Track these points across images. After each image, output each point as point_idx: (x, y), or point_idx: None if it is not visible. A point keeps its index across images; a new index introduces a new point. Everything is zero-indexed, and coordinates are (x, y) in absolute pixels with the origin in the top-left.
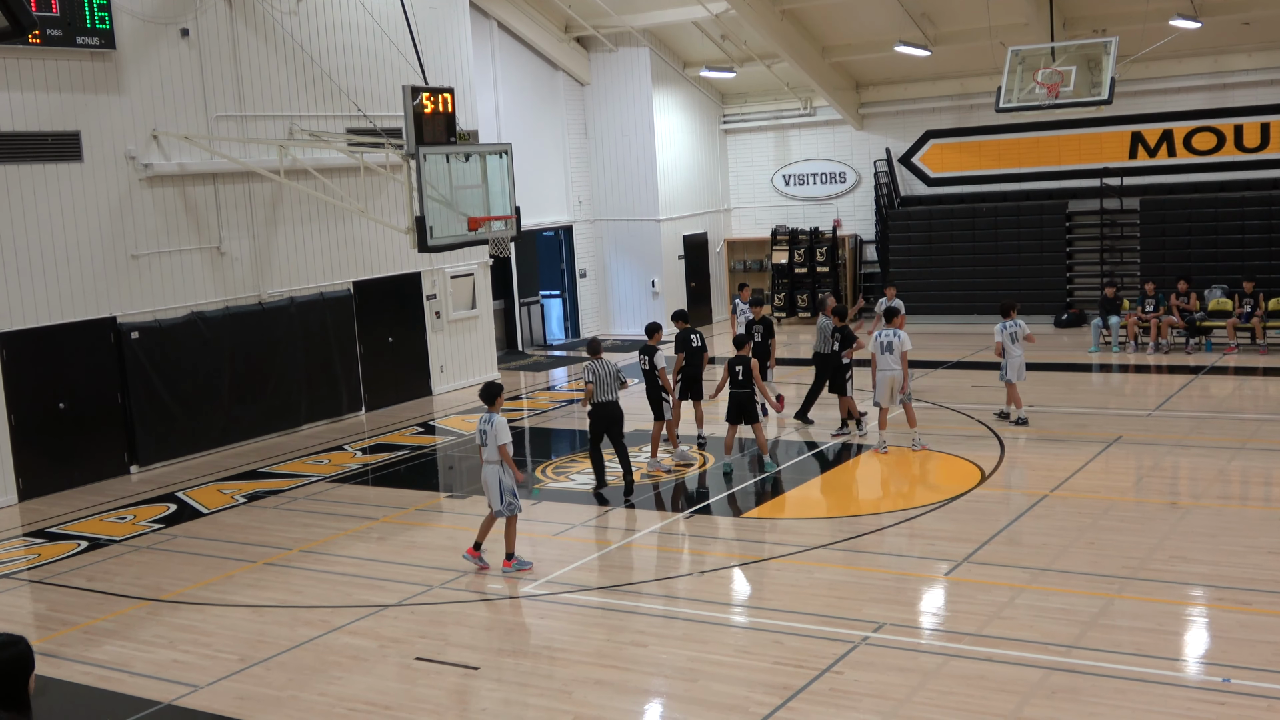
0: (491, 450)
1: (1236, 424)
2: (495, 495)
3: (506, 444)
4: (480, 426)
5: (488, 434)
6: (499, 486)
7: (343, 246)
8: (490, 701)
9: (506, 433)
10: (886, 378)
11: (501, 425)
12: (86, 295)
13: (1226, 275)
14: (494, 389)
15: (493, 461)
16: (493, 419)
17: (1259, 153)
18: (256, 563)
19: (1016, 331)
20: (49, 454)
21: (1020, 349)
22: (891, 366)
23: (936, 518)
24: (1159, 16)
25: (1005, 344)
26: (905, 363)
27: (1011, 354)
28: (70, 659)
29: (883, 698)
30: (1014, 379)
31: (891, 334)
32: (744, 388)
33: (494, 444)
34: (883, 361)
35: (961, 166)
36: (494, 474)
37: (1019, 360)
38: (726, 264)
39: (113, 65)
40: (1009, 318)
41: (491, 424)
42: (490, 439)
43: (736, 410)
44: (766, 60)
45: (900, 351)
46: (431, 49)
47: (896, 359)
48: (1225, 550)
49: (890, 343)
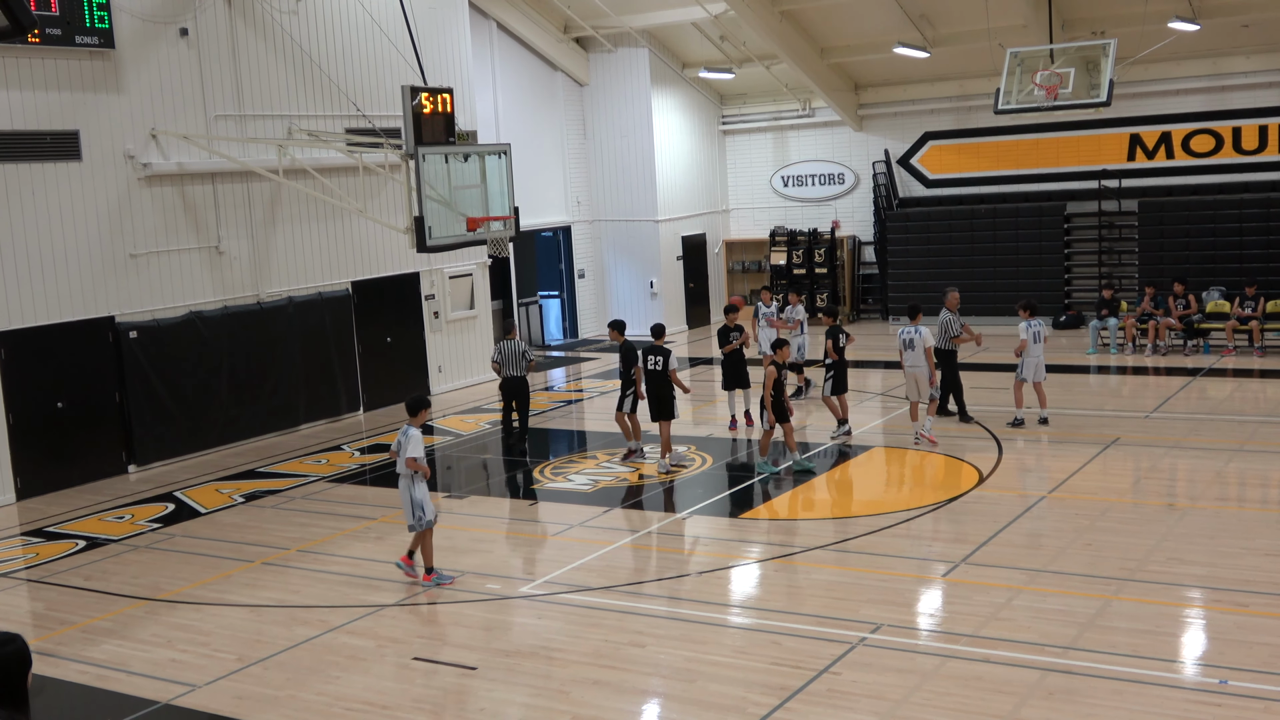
0: (403, 463)
1: (1234, 426)
2: (406, 509)
3: (417, 458)
4: (398, 438)
5: (403, 445)
6: (409, 500)
7: (341, 246)
8: (488, 701)
9: (419, 447)
10: (912, 374)
11: (416, 439)
12: (85, 294)
13: (1224, 278)
14: (418, 402)
15: (404, 474)
16: (409, 431)
17: (1257, 155)
18: (254, 562)
19: (1039, 331)
20: (47, 453)
21: (1041, 348)
22: (916, 363)
23: (935, 519)
24: (1158, 18)
25: (1029, 342)
26: (931, 358)
27: (1031, 352)
28: (68, 658)
29: (880, 698)
30: (1035, 378)
31: (913, 331)
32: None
33: (404, 456)
34: (908, 358)
35: (960, 168)
36: (405, 487)
37: (1039, 360)
38: (725, 265)
39: (112, 64)
40: (1033, 316)
41: (407, 435)
42: (402, 451)
43: (783, 409)
44: (765, 61)
45: (924, 347)
46: (430, 49)
47: (920, 355)
48: (1222, 552)
49: (912, 339)
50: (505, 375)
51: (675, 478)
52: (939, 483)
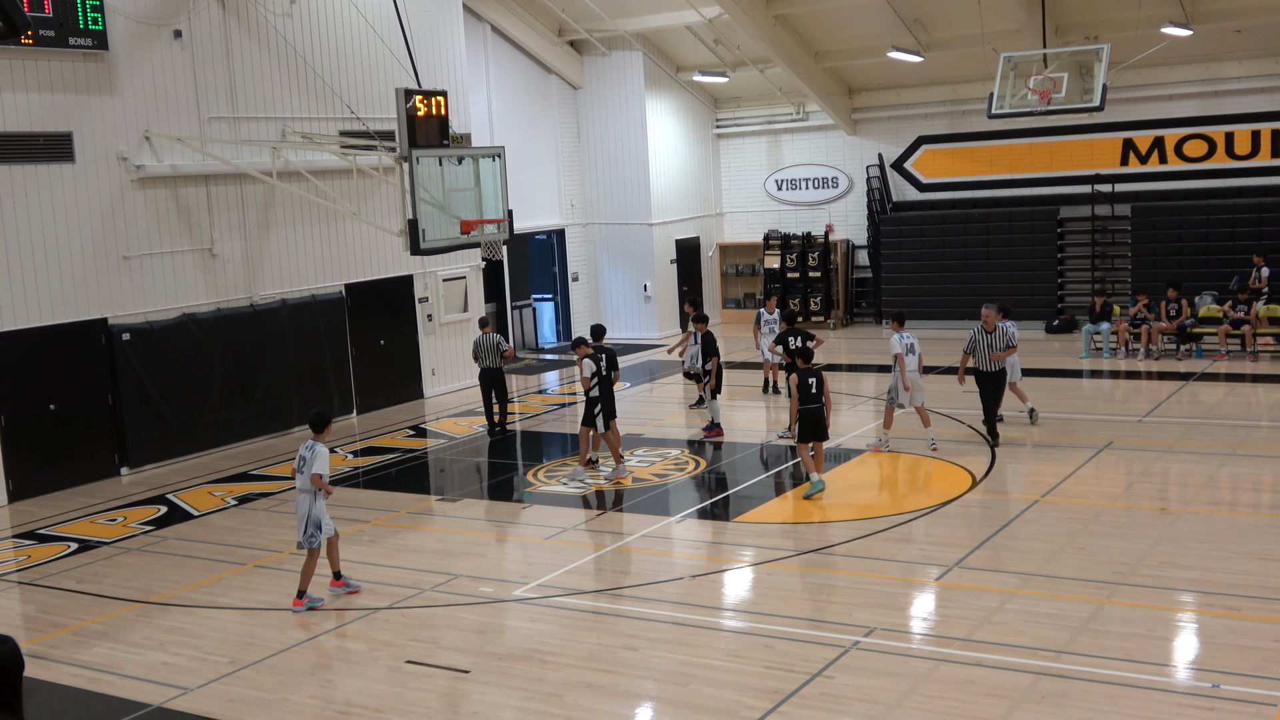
0: (305, 479)
1: (1226, 430)
2: (300, 526)
3: (321, 474)
4: (301, 452)
5: (307, 460)
6: (305, 517)
7: (335, 249)
8: (481, 705)
9: (325, 463)
10: (914, 379)
11: (322, 454)
12: (78, 296)
13: (1217, 282)
14: (323, 417)
15: (306, 490)
16: (314, 446)
17: (1250, 160)
18: (247, 565)
19: (913, 344)
20: (39, 455)
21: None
22: (913, 368)
23: (927, 523)
24: (1151, 24)
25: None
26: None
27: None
28: (60, 661)
29: (873, 702)
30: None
31: (913, 337)
32: (815, 403)
33: (309, 471)
34: (910, 363)
35: (954, 172)
36: (304, 503)
37: (1015, 361)
38: (719, 268)
39: (105, 66)
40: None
41: (313, 451)
42: (306, 466)
43: (812, 427)
44: (759, 65)
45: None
46: (425, 52)
47: (917, 360)
48: (1215, 556)
49: (913, 344)
50: (482, 366)
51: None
52: (932, 487)
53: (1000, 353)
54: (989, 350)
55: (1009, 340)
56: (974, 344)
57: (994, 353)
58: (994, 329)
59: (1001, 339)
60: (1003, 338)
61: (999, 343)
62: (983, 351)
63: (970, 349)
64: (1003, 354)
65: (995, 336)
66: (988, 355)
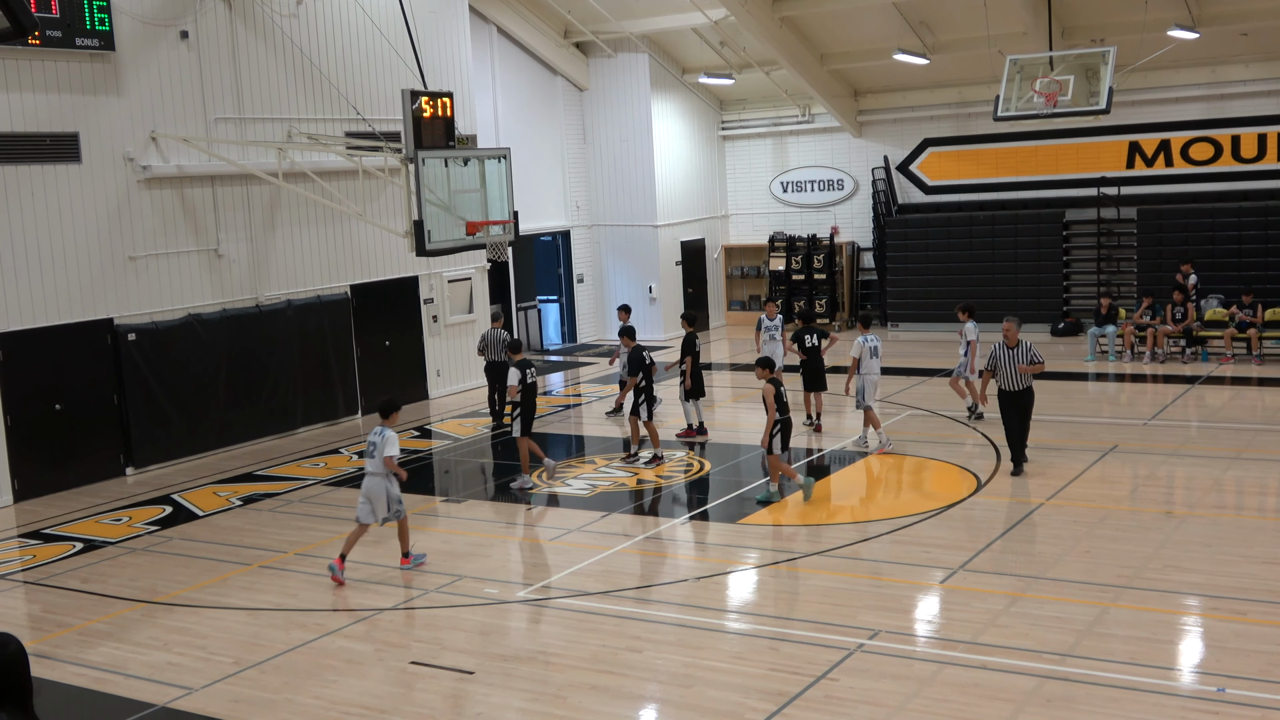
0: (377, 462)
1: (1232, 434)
2: (383, 504)
3: (393, 456)
4: (371, 439)
5: (377, 445)
6: (386, 495)
7: (340, 250)
8: (485, 706)
9: (395, 446)
10: (875, 380)
11: (392, 439)
12: (83, 296)
13: (1223, 285)
14: (391, 404)
15: (378, 473)
16: (384, 431)
17: (1256, 163)
18: (252, 565)
19: (875, 346)
20: (45, 455)
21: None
22: (877, 370)
23: (932, 525)
24: (1157, 26)
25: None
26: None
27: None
28: (65, 660)
29: (877, 705)
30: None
31: (877, 340)
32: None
33: (380, 455)
34: (873, 365)
35: (959, 175)
36: (380, 485)
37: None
38: (724, 270)
39: (112, 67)
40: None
41: (382, 436)
42: (378, 451)
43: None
44: (765, 67)
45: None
46: (431, 53)
47: (878, 362)
48: (1220, 559)
49: (877, 347)
50: (489, 359)
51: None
52: (937, 489)
53: (1026, 366)
54: (1012, 366)
55: (1032, 356)
56: (994, 360)
57: (1019, 366)
58: (1016, 343)
59: (1025, 354)
60: (1026, 353)
61: (1023, 358)
62: (1005, 368)
63: (991, 366)
64: (1028, 368)
65: (1018, 351)
66: (1012, 372)
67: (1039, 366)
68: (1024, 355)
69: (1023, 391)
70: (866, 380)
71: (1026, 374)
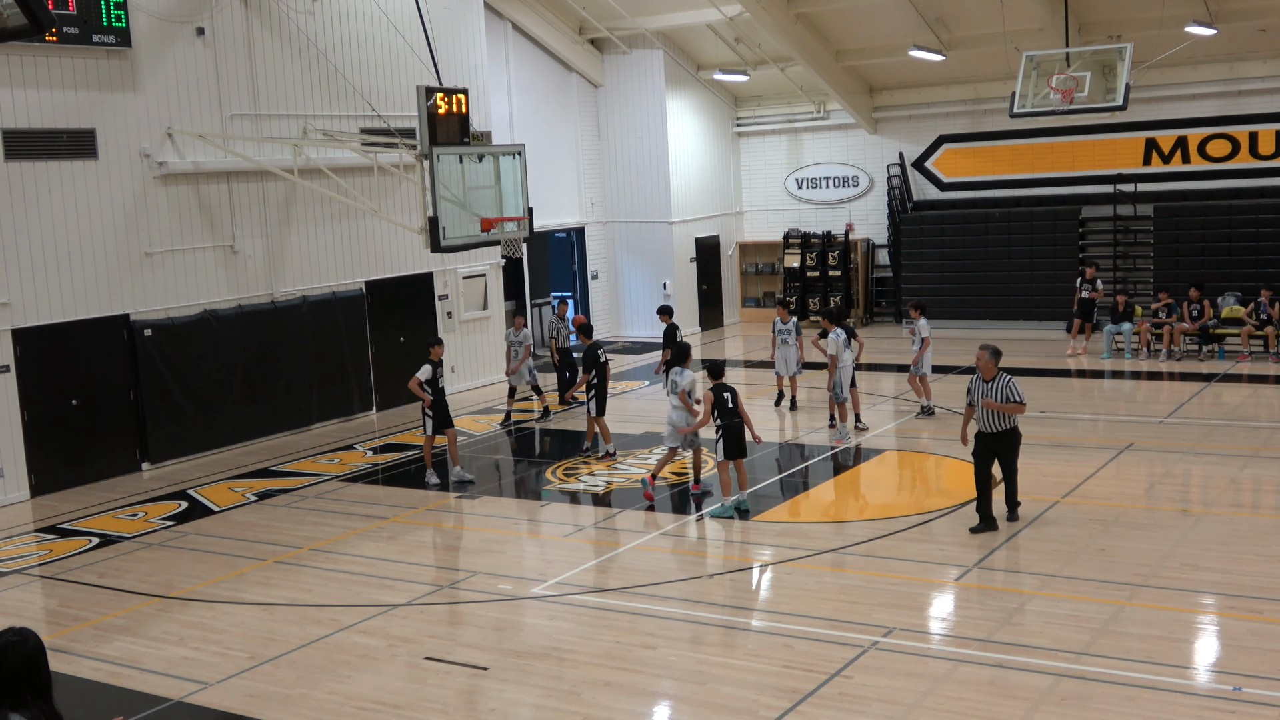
0: (677, 398)
1: (1249, 432)
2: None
3: (688, 393)
4: (673, 376)
5: (678, 384)
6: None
7: (355, 246)
8: (499, 702)
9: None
10: (848, 372)
11: (689, 376)
12: (100, 292)
13: (1240, 283)
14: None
15: (679, 406)
16: (684, 372)
17: (1273, 160)
18: (267, 561)
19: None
20: (61, 450)
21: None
22: (849, 361)
23: (947, 523)
24: (1174, 23)
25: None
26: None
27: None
28: (81, 655)
29: (892, 703)
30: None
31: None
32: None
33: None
34: (845, 358)
35: (975, 171)
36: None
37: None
38: (739, 267)
39: (128, 63)
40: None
41: (682, 375)
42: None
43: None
44: (780, 63)
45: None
46: (446, 50)
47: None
48: (1237, 558)
49: (847, 339)
50: (559, 347)
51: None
52: (952, 487)
53: (995, 402)
54: (983, 400)
55: (1007, 393)
56: (971, 395)
57: (986, 400)
58: (993, 376)
59: (1000, 390)
60: (1002, 388)
61: (996, 394)
62: (979, 406)
63: (970, 402)
64: (999, 406)
65: (994, 386)
66: (985, 411)
67: (1016, 407)
68: (998, 391)
69: (1003, 434)
70: (842, 373)
71: (1005, 413)
